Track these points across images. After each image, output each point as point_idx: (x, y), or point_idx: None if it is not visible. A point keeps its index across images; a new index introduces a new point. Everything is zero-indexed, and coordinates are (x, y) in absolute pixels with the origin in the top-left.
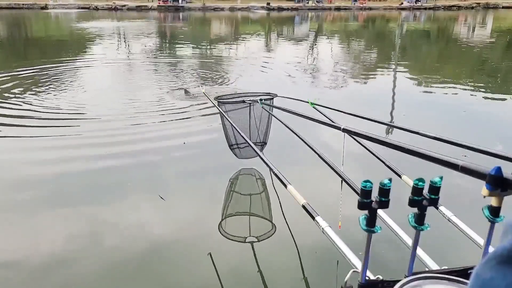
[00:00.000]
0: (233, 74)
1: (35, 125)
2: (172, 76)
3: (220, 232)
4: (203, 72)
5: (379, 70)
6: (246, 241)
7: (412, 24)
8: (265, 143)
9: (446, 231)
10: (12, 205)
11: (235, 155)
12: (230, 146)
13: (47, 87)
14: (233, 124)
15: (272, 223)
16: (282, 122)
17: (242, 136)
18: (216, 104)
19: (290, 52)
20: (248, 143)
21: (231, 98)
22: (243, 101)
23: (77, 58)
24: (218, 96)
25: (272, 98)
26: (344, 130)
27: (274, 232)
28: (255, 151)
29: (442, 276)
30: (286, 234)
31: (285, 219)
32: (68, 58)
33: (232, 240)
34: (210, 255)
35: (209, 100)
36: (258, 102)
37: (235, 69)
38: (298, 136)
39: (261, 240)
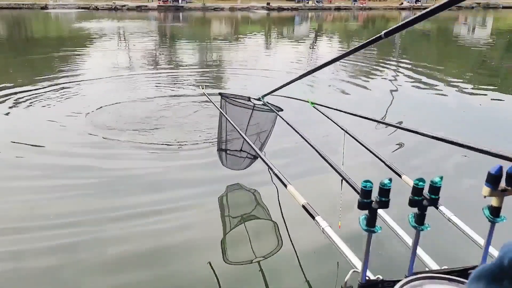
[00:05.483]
0: (233, 75)
1: None
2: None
3: (220, 232)
4: (202, 78)
5: (379, 70)
6: (246, 241)
7: None
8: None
9: (446, 231)
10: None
11: (221, 161)
12: (219, 150)
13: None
14: (233, 124)
15: (272, 223)
16: (283, 119)
17: (242, 136)
18: (216, 105)
19: (290, 52)
20: (248, 143)
21: (232, 98)
22: (248, 98)
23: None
24: (220, 93)
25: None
26: (345, 130)
27: (274, 232)
28: (255, 151)
29: (442, 276)
30: (286, 234)
31: (285, 219)
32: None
33: (231, 239)
34: (209, 255)
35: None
36: (260, 100)
37: (234, 69)
38: (300, 135)
39: (261, 240)
